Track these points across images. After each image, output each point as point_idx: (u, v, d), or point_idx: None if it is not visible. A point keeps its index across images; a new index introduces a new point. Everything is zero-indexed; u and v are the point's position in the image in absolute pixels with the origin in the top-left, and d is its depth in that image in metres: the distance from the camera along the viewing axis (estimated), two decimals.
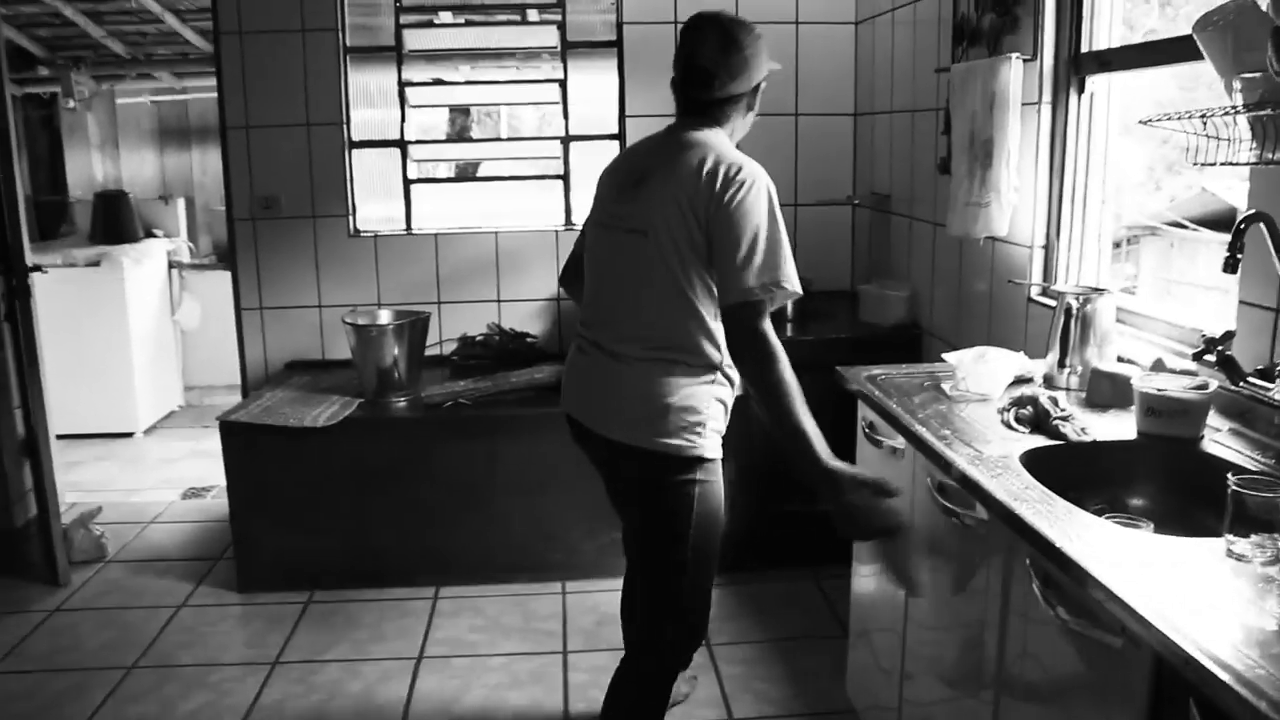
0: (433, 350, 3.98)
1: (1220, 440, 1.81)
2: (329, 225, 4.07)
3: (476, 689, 2.90)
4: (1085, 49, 2.55)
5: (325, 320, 4.12)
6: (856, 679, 2.54)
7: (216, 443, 3.50)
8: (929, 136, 3.38)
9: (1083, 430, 1.85)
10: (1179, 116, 1.59)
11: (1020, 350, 2.40)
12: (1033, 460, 1.74)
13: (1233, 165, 1.58)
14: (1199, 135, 1.57)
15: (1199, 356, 1.79)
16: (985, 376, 2.10)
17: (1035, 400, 1.92)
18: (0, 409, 3.62)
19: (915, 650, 2.06)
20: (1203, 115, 1.55)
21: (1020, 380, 2.22)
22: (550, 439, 3.46)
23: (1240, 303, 1.88)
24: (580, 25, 4.08)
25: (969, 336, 3.10)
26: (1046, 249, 2.70)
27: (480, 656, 3.07)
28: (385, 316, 3.79)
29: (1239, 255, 1.60)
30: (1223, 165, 1.58)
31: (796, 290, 1.94)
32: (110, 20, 5.82)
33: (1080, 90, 2.59)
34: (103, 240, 5.79)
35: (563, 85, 4.11)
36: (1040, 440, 1.84)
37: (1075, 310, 2.16)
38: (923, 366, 2.41)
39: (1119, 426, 1.92)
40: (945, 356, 2.29)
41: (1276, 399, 1.76)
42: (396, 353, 3.60)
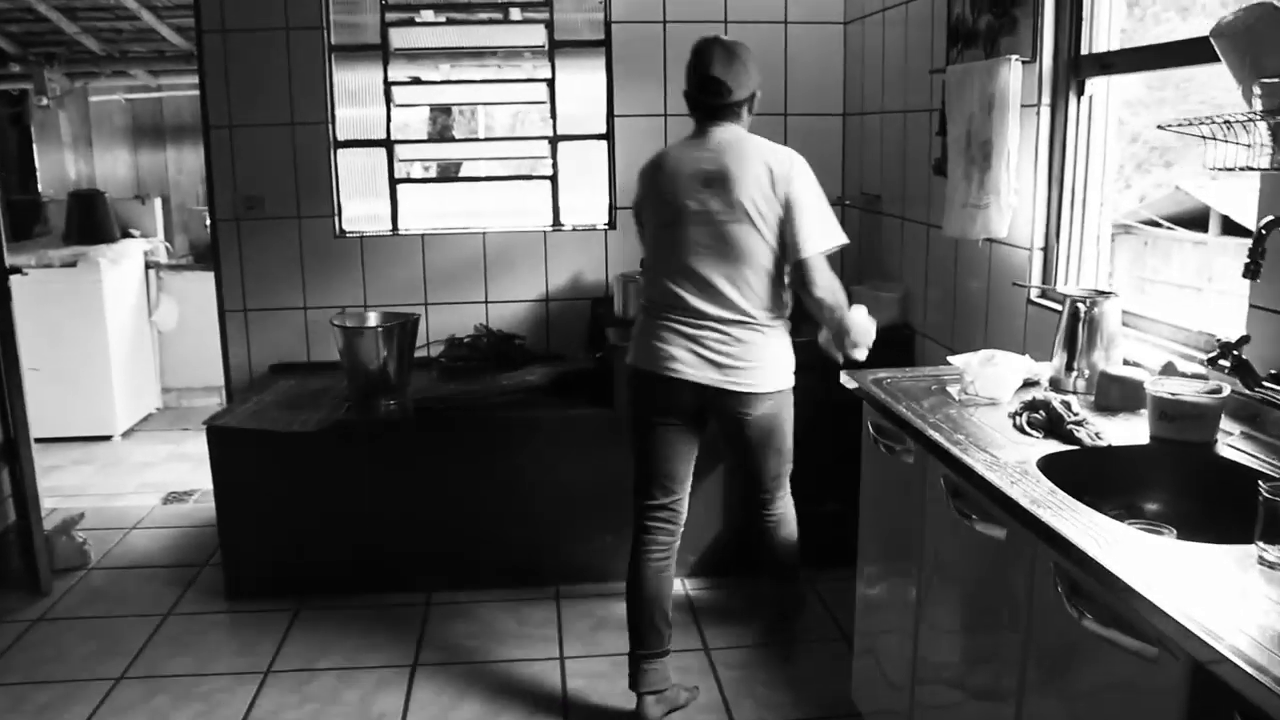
0: (420, 352, 3.93)
1: (1233, 444, 1.81)
2: (314, 226, 4.01)
3: (473, 697, 2.86)
4: (1085, 51, 2.55)
5: (311, 322, 4.06)
6: (863, 684, 2.53)
7: (196, 446, 3.45)
8: (922, 137, 3.38)
9: (1097, 435, 1.84)
10: (1200, 122, 1.59)
11: (1021, 353, 2.40)
12: (1049, 465, 1.73)
13: (1253, 170, 1.57)
14: (1223, 141, 1.56)
15: (1214, 361, 1.79)
16: (994, 380, 2.09)
17: (1048, 404, 1.91)
18: None
19: (929, 656, 2.05)
20: (1226, 121, 1.54)
21: (1027, 384, 2.21)
22: (542, 442, 3.44)
23: (1251, 306, 1.88)
24: (567, 24, 4.05)
25: (964, 338, 3.10)
26: (1046, 251, 2.70)
27: (476, 664, 3.03)
28: (374, 319, 3.74)
29: (1260, 261, 1.60)
30: (1242, 170, 1.57)
31: (845, 240, 2.57)
32: (84, 16, 5.72)
33: (1080, 93, 2.59)
34: (78, 240, 5.70)
35: (550, 84, 4.08)
36: (1055, 445, 1.83)
37: (1083, 313, 2.15)
38: (928, 370, 2.40)
39: (1130, 430, 1.92)
40: (951, 359, 2.29)
41: None
42: (385, 355, 3.55)
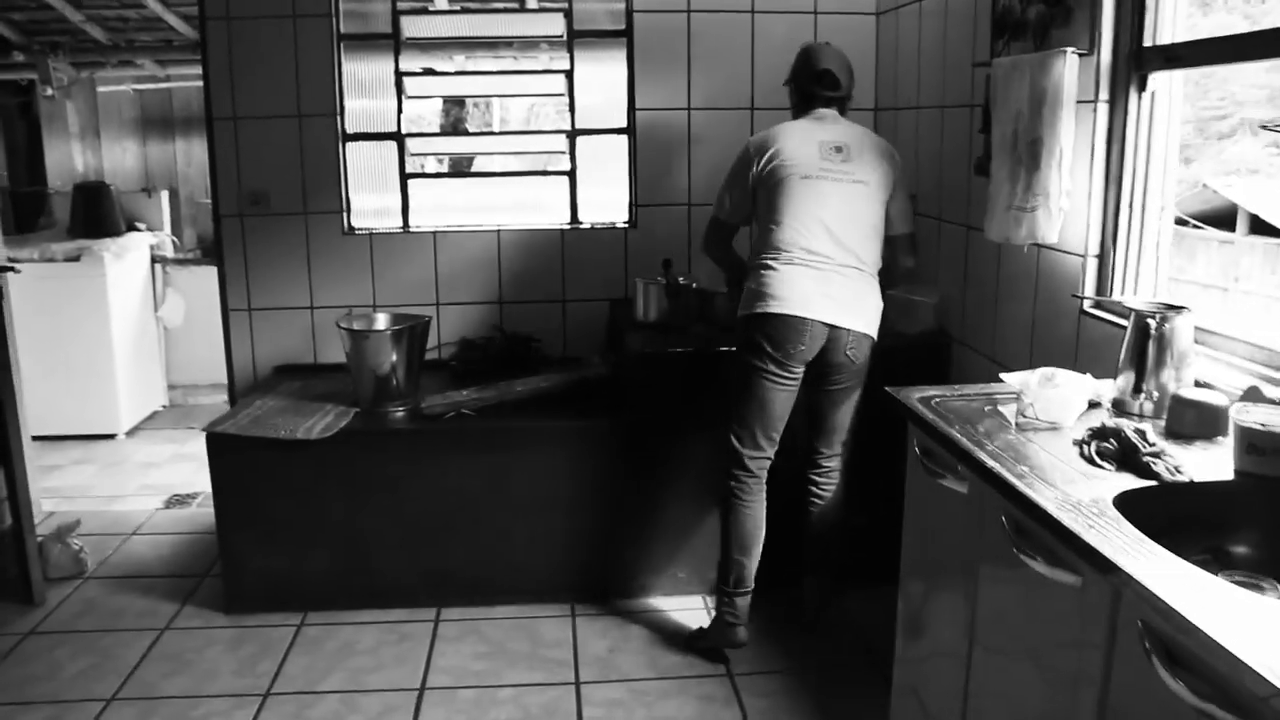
0: (430, 354, 3.77)
1: None
2: (321, 222, 3.86)
3: None
4: (1148, 43, 2.36)
5: (317, 322, 3.91)
6: None
7: (201, 445, 3.30)
8: (961, 134, 3.19)
9: (1176, 469, 1.66)
10: None
11: (1072, 368, 2.21)
12: (1126, 504, 1.55)
13: None
14: None
15: None
16: (1056, 402, 1.91)
17: (1119, 433, 1.73)
18: None
19: (982, 707, 1.87)
20: None
21: (1089, 405, 2.03)
22: (558, 452, 3.28)
23: None
24: (586, 13, 3.88)
25: (1008, 349, 2.92)
26: (1101, 258, 2.51)
27: (487, 688, 2.87)
28: (383, 321, 3.58)
29: None
30: None
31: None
32: (89, 4, 5.55)
33: (1141, 88, 2.40)
34: (83, 233, 5.54)
35: (569, 76, 3.91)
36: (1130, 480, 1.65)
37: (1153, 329, 1.97)
38: (978, 388, 2.22)
39: (1210, 462, 1.74)
40: (1005, 377, 2.10)
41: None
42: (395, 360, 3.39)
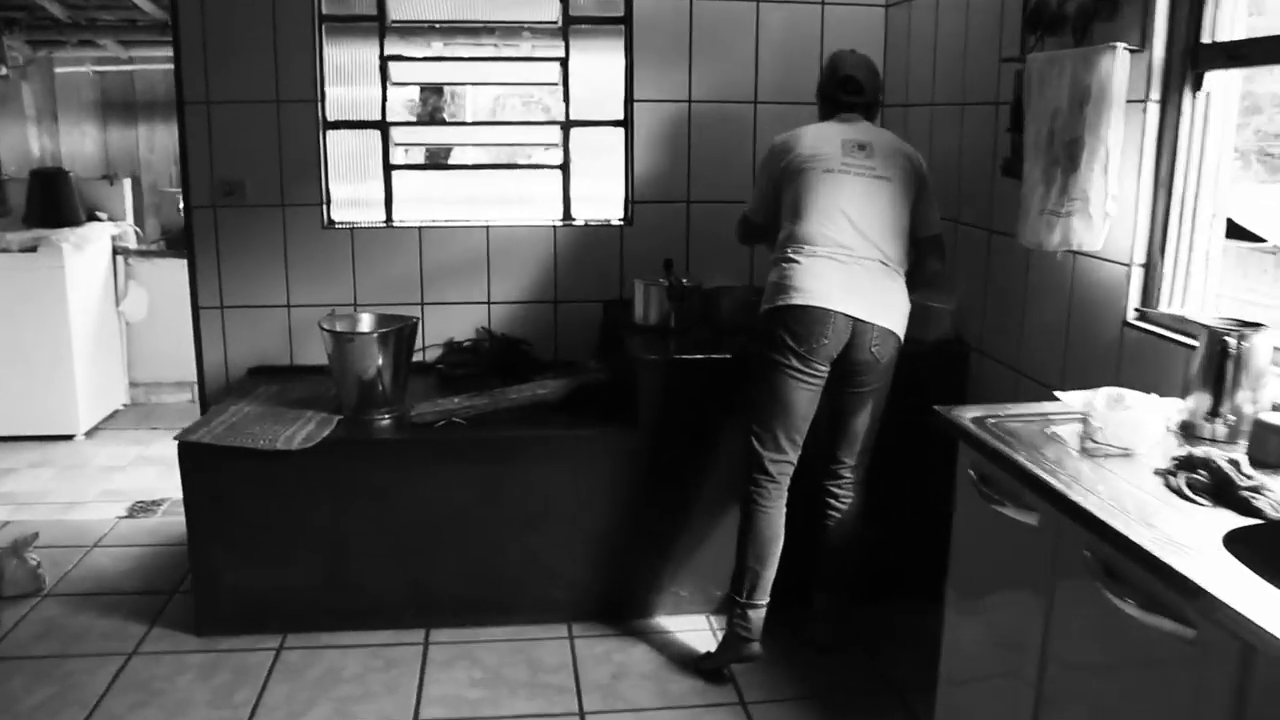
0: (416, 356, 3.55)
1: None
2: (300, 215, 3.64)
3: None
4: (1206, 39, 2.22)
5: (295, 322, 3.69)
6: None
7: (165, 447, 3.07)
8: (983, 133, 3.04)
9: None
10: None
11: (1115, 384, 2.05)
12: (1232, 543, 1.40)
13: None
14: None
15: None
16: (1127, 426, 1.76)
17: (1209, 463, 1.58)
18: None
19: None
20: None
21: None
22: (555, 464, 3.09)
23: None
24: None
25: (1034, 360, 2.77)
26: (1148, 268, 2.37)
27: None
28: (367, 322, 3.36)
29: None
30: None
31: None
32: None
33: (1196, 87, 2.25)
34: (40, 223, 5.24)
35: (564, 64, 3.72)
36: (1229, 516, 1.50)
37: (1231, 348, 1.82)
38: (1030, 407, 2.06)
39: None
40: (1062, 396, 1.95)
41: None
42: (381, 364, 3.17)
